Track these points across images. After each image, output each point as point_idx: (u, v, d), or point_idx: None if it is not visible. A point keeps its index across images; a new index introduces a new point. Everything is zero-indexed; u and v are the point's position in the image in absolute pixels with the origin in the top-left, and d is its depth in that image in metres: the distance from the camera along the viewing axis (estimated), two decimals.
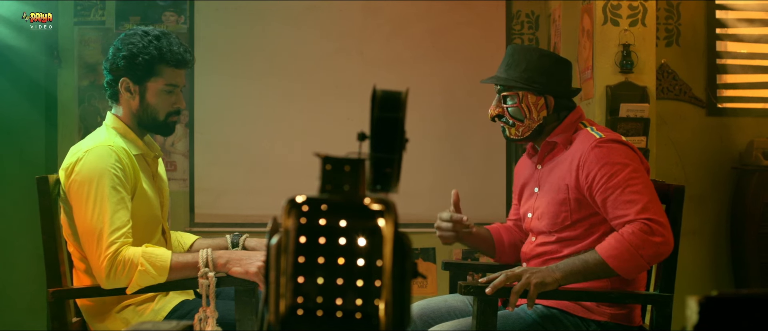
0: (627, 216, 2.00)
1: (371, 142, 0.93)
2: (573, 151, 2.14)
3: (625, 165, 2.04)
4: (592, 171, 2.06)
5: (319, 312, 0.85)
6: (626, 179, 2.02)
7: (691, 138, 4.06)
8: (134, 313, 2.18)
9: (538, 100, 2.18)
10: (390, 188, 0.93)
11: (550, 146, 2.22)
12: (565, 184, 2.13)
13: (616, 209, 2.02)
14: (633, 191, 2.01)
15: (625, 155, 2.07)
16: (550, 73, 2.18)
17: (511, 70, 2.20)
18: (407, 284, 0.88)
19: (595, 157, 2.07)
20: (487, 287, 1.98)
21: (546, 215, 2.18)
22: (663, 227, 1.98)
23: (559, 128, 2.20)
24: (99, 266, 2.06)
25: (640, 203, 1.99)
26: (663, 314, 2.10)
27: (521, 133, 2.21)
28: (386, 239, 0.86)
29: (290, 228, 0.86)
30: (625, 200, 2.01)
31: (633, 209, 1.99)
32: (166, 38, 2.21)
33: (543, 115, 2.19)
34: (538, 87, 2.17)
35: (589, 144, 2.10)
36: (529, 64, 2.18)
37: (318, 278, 0.85)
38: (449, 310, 2.30)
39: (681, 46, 4.05)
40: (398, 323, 0.86)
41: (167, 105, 2.24)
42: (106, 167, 2.10)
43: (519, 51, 2.23)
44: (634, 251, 1.96)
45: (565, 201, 2.13)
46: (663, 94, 4.00)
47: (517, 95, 2.18)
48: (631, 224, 1.98)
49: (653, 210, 1.99)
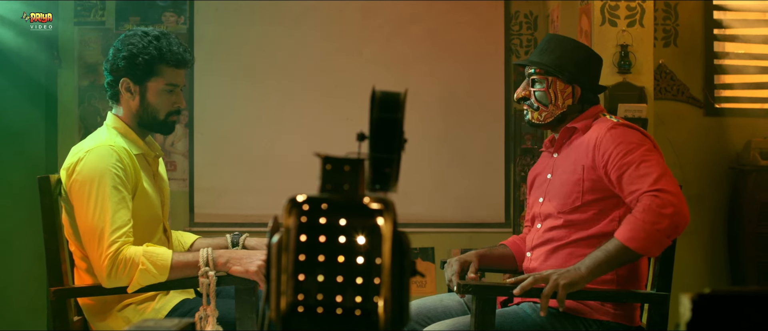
0: (640, 189, 2.03)
1: (370, 142, 0.95)
2: (589, 135, 2.18)
3: (639, 144, 2.09)
4: (608, 149, 2.11)
5: (319, 309, 0.87)
6: (641, 156, 2.07)
7: (689, 138, 4.08)
8: (135, 312, 2.20)
9: (565, 87, 2.22)
10: (389, 188, 0.95)
11: (569, 133, 2.26)
12: (581, 165, 2.16)
13: (630, 184, 2.06)
14: (647, 166, 2.05)
15: (640, 138, 2.13)
16: (581, 64, 2.24)
17: (544, 56, 2.25)
18: (406, 281, 0.89)
19: (611, 137, 2.12)
20: (514, 288, 2.02)
21: (558, 196, 2.21)
22: (675, 196, 2.00)
23: (581, 117, 2.25)
24: (100, 265, 2.07)
25: (652, 176, 2.03)
26: (660, 312, 2.12)
27: (544, 118, 2.25)
28: (385, 238, 0.88)
29: (291, 227, 0.88)
30: (639, 175, 2.04)
31: (646, 182, 2.02)
32: (165, 38, 2.23)
33: (568, 104, 2.23)
34: (568, 75, 2.21)
35: (606, 127, 2.16)
36: (563, 52, 2.23)
37: (318, 275, 0.87)
38: (445, 309, 2.31)
39: (679, 46, 4.07)
40: (397, 320, 0.88)
41: (167, 105, 2.26)
42: (107, 167, 2.11)
43: (555, 39, 2.30)
44: (650, 227, 1.98)
45: (578, 181, 2.16)
46: (661, 94, 4.02)
47: (547, 80, 2.23)
48: (642, 201, 2.01)
49: (665, 182, 2.02)
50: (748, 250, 3.90)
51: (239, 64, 4.05)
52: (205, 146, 4.04)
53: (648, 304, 2.18)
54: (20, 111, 3.91)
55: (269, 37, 4.05)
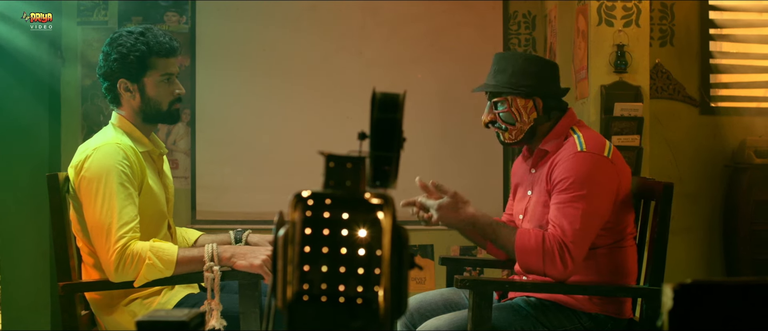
0: (555, 231, 2.10)
1: (371, 141, 1.00)
2: (556, 159, 2.22)
3: (583, 185, 2.12)
4: (558, 176, 2.16)
5: (323, 298, 0.93)
6: (577, 197, 2.11)
7: (685, 137, 4.12)
8: (141, 306, 2.25)
9: (526, 103, 2.25)
10: (389, 184, 1.01)
11: (542, 153, 2.30)
12: (548, 192, 2.21)
13: (553, 215, 2.14)
14: (572, 213, 2.10)
15: (592, 174, 2.14)
16: (535, 76, 2.25)
17: (498, 77, 2.28)
18: (404, 272, 0.95)
19: (565, 166, 2.16)
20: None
21: (534, 219, 2.26)
22: (573, 260, 2.08)
23: (551, 135, 2.27)
24: (108, 260, 2.12)
25: (573, 226, 2.09)
26: (652, 307, 2.17)
27: (514, 136, 2.29)
28: (385, 231, 0.93)
29: (297, 220, 0.93)
30: (564, 214, 2.11)
31: (564, 228, 2.09)
32: (150, 32, 2.28)
33: (533, 117, 2.26)
34: (525, 90, 2.24)
35: (569, 153, 2.18)
36: (514, 69, 2.25)
37: (322, 266, 0.93)
38: (445, 303, 2.37)
39: (675, 46, 4.12)
40: (396, 308, 0.93)
41: (168, 94, 2.31)
42: (114, 164, 2.16)
43: (504, 58, 2.31)
44: (541, 260, 2.09)
45: (547, 204, 2.21)
46: (657, 93, 4.06)
47: (507, 100, 2.26)
48: (554, 238, 2.09)
49: (577, 239, 2.08)
50: (743, 247, 3.95)
51: (240, 63, 4.09)
52: (207, 144, 4.09)
53: (641, 298, 2.24)
54: (25, 109, 3.93)
55: (270, 36, 4.10)
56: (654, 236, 2.22)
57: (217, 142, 4.09)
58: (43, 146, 3.99)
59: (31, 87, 3.92)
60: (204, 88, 4.07)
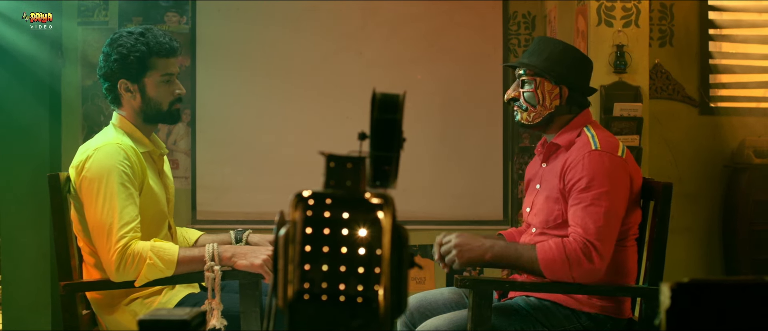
0: (578, 231, 2.10)
1: (371, 141, 1.01)
2: (569, 155, 2.22)
3: (601, 183, 2.13)
4: (574, 177, 2.16)
5: (323, 297, 0.93)
6: (594, 197, 2.12)
7: (684, 137, 4.13)
8: (142, 305, 2.26)
9: (553, 88, 2.27)
10: (389, 184, 1.01)
11: (554, 147, 2.31)
12: (558, 188, 2.21)
13: (574, 218, 2.13)
14: (594, 211, 2.10)
15: (610, 172, 2.15)
16: (569, 65, 2.28)
17: (533, 57, 2.30)
18: (404, 271, 0.96)
19: (582, 165, 2.16)
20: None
21: (542, 212, 2.26)
22: (601, 256, 2.08)
23: (567, 128, 2.29)
24: (109, 260, 2.13)
25: (596, 224, 2.09)
26: (651, 306, 2.18)
27: (532, 118, 2.30)
28: (385, 230, 0.94)
29: (297, 220, 0.94)
30: (587, 213, 2.11)
31: (586, 227, 2.10)
32: (150, 32, 2.29)
33: (555, 105, 2.27)
34: (556, 76, 2.25)
35: (584, 152, 2.19)
36: (551, 54, 2.28)
37: (323, 265, 0.93)
38: (446, 302, 2.38)
39: (674, 46, 4.12)
40: (396, 307, 0.94)
41: (168, 94, 2.32)
42: (114, 164, 2.17)
43: (544, 41, 2.34)
44: (566, 267, 2.08)
45: (557, 200, 2.21)
46: (656, 93, 4.07)
47: (535, 81, 2.27)
48: (576, 241, 2.09)
49: (603, 236, 2.09)
50: (742, 247, 3.95)
51: (241, 63, 4.09)
52: (208, 144, 4.10)
53: (640, 298, 2.24)
54: (25, 109, 3.93)
55: (270, 37, 4.10)
56: (653, 236, 2.23)
57: (218, 143, 4.10)
58: (43, 146, 3.99)
59: (32, 87, 3.93)
60: (204, 88, 4.08)
